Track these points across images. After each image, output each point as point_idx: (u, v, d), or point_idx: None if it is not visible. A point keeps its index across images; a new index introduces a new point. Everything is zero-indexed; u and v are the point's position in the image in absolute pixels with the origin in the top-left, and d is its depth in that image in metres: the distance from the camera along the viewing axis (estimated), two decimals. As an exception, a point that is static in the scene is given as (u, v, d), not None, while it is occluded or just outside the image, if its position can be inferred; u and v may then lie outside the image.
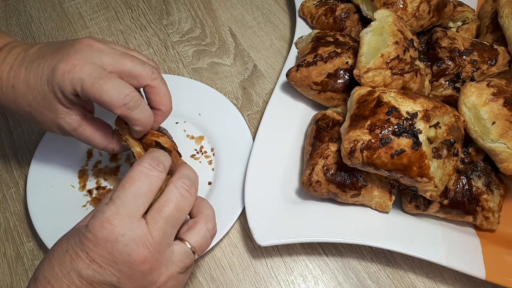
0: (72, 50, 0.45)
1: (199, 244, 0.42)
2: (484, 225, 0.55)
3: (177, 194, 0.41)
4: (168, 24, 0.81)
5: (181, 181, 0.42)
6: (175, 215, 0.40)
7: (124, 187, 0.39)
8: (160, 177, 0.41)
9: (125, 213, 0.38)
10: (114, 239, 0.37)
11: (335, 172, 0.54)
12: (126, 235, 0.37)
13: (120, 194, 0.39)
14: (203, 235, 0.43)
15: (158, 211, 0.39)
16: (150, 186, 0.39)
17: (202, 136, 0.65)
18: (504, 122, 0.51)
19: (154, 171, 0.40)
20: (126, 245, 0.37)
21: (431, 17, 0.65)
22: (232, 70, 0.75)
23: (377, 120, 0.50)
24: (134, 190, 0.39)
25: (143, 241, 0.38)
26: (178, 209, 0.40)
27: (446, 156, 0.51)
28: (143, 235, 0.38)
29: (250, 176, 0.56)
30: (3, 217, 0.61)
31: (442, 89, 0.61)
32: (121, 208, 0.38)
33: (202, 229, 0.43)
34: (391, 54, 0.54)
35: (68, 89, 0.45)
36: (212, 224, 0.44)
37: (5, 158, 0.66)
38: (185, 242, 0.42)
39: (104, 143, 0.52)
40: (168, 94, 0.51)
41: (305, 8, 0.74)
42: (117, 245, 0.37)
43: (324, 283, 0.57)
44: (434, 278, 0.57)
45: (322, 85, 0.61)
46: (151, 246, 0.38)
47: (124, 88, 0.45)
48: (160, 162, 0.41)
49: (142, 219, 0.38)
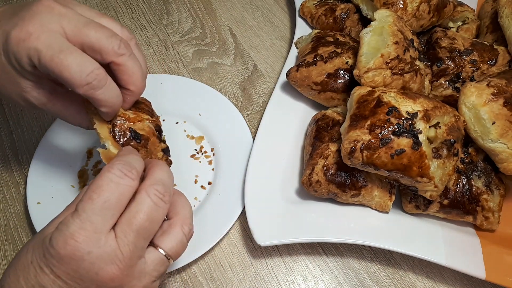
0: (28, 14, 0.39)
1: (174, 250, 0.39)
2: (484, 225, 0.55)
3: (149, 203, 0.37)
4: (168, 24, 0.81)
5: (154, 188, 0.37)
6: (147, 227, 0.36)
7: (91, 198, 0.35)
8: (132, 186, 0.37)
9: (91, 229, 0.34)
10: (80, 257, 0.34)
11: (335, 172, 0.54)
12: (92, 253, 0.34)
13: (86, 206, 0.35)
14: (179, 241, 0.39)
15: (128, 224, 0.36)
16: (120, 197, 0.36)
17: (202, 136, 0.65)
18: (504, 122, 0.51)
19: (125, 179, 0.36)
20: (92, 263, 0.34)
21: (431, 17, 0.65)
22: (232, 70, 0.75)
23: (377, 120, 0.50)
24: (102, 202, 0.35)
25: (112, 258, 0.35)
26: (151, 220, 0.36)
27: (446, 156, 0.51)
28: (111, 251, 0.35)
29: (250, 176, 0.56)
30: (3, 217, 0.61)
31: (442, 89, 0.61)
32: (87, 223, 0.34)
33: (178, 234, 0.39)
34: (391, 54, 0.54)
35: (25, 60, 0.39)
36: (188, 228, 0.40)
37: (5, 158, 0.66)
38: (159, 249, 0.38)
39: (77, 119, 0.47)
40: (139, 72, 0.43)
41: (305, 8, 0.74)
42: (82, 263, 0.34)
43: (324, 283, 0.57)
44: (434, 278, 0.57)
45: (322, 85, 0.61)
46: (120, 262, 0.35)
47: (87, 64, 0.39)
48: (133, 168, 0.37)
49: (111, 233, 0.35)
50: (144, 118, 0.48)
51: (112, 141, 0.44)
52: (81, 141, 0.64)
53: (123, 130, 0.45)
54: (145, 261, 0.37)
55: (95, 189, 0.35)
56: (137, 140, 0.45)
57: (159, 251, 0.38)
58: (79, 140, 0.64)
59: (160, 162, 0.42)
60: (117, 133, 0.45)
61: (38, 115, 0.69)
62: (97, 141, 0.64)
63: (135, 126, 0.46)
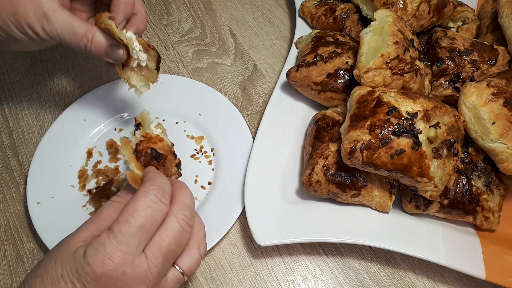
0: None
1: (191, 269, 0.42)
2: (484, 225, 0.55)
3: (178, 228, 0.40)
4: (168, 24, 0.81)
5: (182, 213, 0.40)
6: (173, 250, 0.40)
7: (128, 221, 0.37)
8: (165, 211, 0.39)
9: (127, 251, 0.37)
10: (115, 277, 0.36)
11: (335, 172, 0.54)
12: (127, 274, 0.37)
13: (123, 228, 0.37)
14: (196, 260, 0.42)
15: (158, 247, 0.38)
16: (154, 222, 0.38)
17: (202, 136, 0.65)
18: (504, 122, 0.51)
19: (159, 205, 0.39)
20: (126, 283, 0.37)
21: (431, 17, 0.65)
22: (232, 70, 0.75)
23: (377, 120, 0.50)
24: (138, 226, 0.37)
25: (143, 279, 0.37)
26: (178, 244, 0.40)
27: (446, 156, 0.51)
28: (143, 272, 0.37)
29: (250, 176, 0.56)
30: (3, 217, 0.61)
31: (442, 89, 0.61)
32: (123, 245, 0.37)
33: (194, 254, 0.42)
34: (391, 54, 0.54)
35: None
36: (204, 248, 0.43)
37: (5, 158, 0.66)
38: (177, 268, 0.41)
39: (84, 26, 0.48)
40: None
41: (305, 8, 0.74)
42: (117, 282, 0.36)
43: (324, 283, 0.57)
44: (434, 278, 0.57)
45: (322, 85, 0.61)
46: (149, 281, 0.38)
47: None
48: (166, 194, 0.40)
49: (142, 254, 0.38)
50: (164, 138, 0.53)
51: (136, 163, 0.48)
52: (81, 141, 0.64)
53: (145, 149, 0.50)
54: (166, 279, 0.40)
55: (133, 213, 0.38)
56: (158, 159, 0.50)
57: (178, 270, 0.41)
58: (79, 140, 0.64)
59: (183, 185, 0.45)
60: (139, 153, 0.49)
61: (38, 114, 0.69)
62: (98, 142, 0.64)
63: (156, 145, 0.51)
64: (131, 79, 0.53)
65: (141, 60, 0.51)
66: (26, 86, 0.72)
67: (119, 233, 0.37)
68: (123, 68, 0.52)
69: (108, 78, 0.72)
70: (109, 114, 0.66)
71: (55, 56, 0.75)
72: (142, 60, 0.51)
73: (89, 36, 0.49)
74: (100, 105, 0.66)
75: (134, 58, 0.51)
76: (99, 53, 0.50)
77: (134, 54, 0.50)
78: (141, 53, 0.51)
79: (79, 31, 0.48)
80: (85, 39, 0.48)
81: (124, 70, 0.52)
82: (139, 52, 0.51)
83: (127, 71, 0.52)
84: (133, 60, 0.51)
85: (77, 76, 0.73)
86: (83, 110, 0.66)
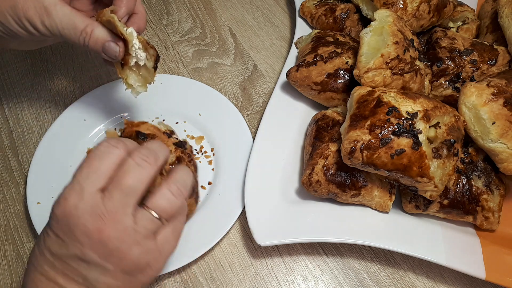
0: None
1: (162, 208, 0.42)
2: (484, 225, 0.55)
3: (132, 164, 0.41)
4: (168, 24, 0.81)
5: (137, 151, 0.42)
6: (131, 184, 0.40)
7: (81, 167, 0.41)
8: (118, 154, 0.41)
9: (79, 188, 0.39)
10: (69, 212, 0.38)
11: (335, 172, 0.54)
12: (79, 208, 0.38)
13: (77, 173, 0.40)
14: (166, 199, 0.42)
15: (113, 183, 0.40)
16: (108, 164, 0.40)
17: (202, 136, 0.65)
18: (504, 122, 0.51)
19: (112, 149, 0.41)
20: (80, 217, 0.38)
21: (431, 17, 0.65)
22: (232, 70, 0.75)
23: (377, 120, 0.50)
24: (90, 169, 0.40)
25: (97, 212, 0.39)
26: (134, 179, 0.40)
27: (446, 156, 0.51)
28: (95, 205, 0.39)
29: (250, 176, 0.56)
30: (3, 217, 0.61)
31: (442, 89, 0.61)
32: (76, 185, 0.39)
33: (164, 193, 0.42)
34: (391, 54, 0.54)
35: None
36: (176, 186, 0.43)
37: (5, 158, 0.66)
38: (145, 208, 0.42)
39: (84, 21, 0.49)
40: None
41: (305, 8, 0.74)
42: (72, 218, 0.38)
43: (324, 283, 0.57)
44: (434, 278, 0.57)
45: (322, 85, 0.61)
46: (105, 215, 0.39)
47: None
48: (120, 141, 0.42)
49: (98, 192, 0.39)
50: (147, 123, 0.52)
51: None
52: (81, 141, 0.64)
53: (129, 133, 0.50)
54: (133, 219, 0.40)
55: (86, 160, 0.41)
56: (142, 137, 0.50)
57: (145, 209, 0.41)
58: (79, 140, 0.64)
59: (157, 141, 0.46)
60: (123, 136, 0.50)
61: (38, 114, 0.69)
62: (98, 142, 0.64)
63: (140, 128, 0.50)
64: (129, 78, 0.53)
65: (139, 59, 0.51)
66: (26, 86, 0.72)
67: (73, 178, 0.40)
68: (122, 67, 0.52)
69: (108, 78, 0.72)
70: (109, 114, 0.66)
71: (55, 56, 0.76)
72: (140, 59, 0.51)
73: (89, 30, 0.49)
74: (100, 105, 0.66)
75: (133, 55, 0.51)
76: (96, 48, 0.50)
77: (132, 52, 0.50)
78: (140, 51, 0.51)
79: (79, 26, 0.49)
80: (84, 33, 0.49)
81: (123, 70, 0.52)
82: (138, 50, 0.50)
83: (126, 70, 0.52)
84: (131, 58, 0.51)
85: (77, 76, 0.73)
86: (83, 110, 0.66)
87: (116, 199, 0.39)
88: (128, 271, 0.40)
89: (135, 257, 0.40)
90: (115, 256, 0.39)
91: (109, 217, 0.39)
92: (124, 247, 0.40)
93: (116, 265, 0.39)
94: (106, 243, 0.39)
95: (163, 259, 0.43)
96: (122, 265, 0.40)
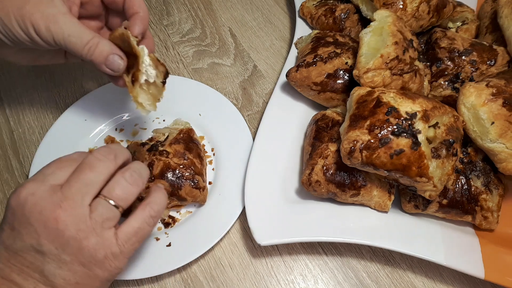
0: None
1: (115, 194, 0.42)
2: (483, 224, 0.55)
3: (90, 157, 0.43)
4: (168, 24, 0.81)
5: (98, 149, 0.44)
6: (87, 174, 0.41)
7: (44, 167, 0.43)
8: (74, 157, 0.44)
9: (35, 178, 0.41)
10: (24, 199, 0.39)
11: (334, 172, 0.54)
12: (36, 194, 0.39)
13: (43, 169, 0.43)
14: (118, 184, 0.43)
15: (73, 175, 0.42)
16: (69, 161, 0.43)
17: (202, 136, 0.66)
18: (503, 122, 0.51)
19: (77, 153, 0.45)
20: (36, 203, 0.39)
21: (431, 17, 0.65)
22: (232, 71, 0.76)
23: (376, 120, 0.50)
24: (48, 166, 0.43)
25: (54, 199, 0.39)
26: (91, 169, 0.41)
27: (445, 156, 0.51)
28: (53, 192, 0.39)
29: (250, 176, 0.57)
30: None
31: (441, 89, 0.61)
32: (33, 177, 0.41)
33: (115, 180, 0.43)
34: (390, 54, 0.54)
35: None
36: (129, 173, 0.44)
37: (6, 158, 0.66)
38: (101, 197, 0.42)
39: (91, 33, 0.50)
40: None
41: (305, 9, 0.74)
42: (28, 204, 0.39)
43: (323, 282, 0.57)
44: (433, 277, 0.57)
45: (321, 85, 0.61)
46: (62, 202, 0.39)
47: None
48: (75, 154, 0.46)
49: (58, 185, 0.41)
50: None
51: None
52: (82, 141, 0.64)
53: None
54: (89, 207, 0.41)
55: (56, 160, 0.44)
56: None
57: (101, 198, 0.42)
58: (80, 140, 0.64)
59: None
60: None
61: (39, 115, 0.69)
62: (98, 142, 0.65)
63: None
64: (139, 97, 0.53)
65: (149, 76, 0.52)
66: (27, 86, 0.72)
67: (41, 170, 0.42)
68: (133, 84, 0.53)
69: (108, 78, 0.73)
70: (109, 114, 0.67)
71: (56, 56, 0.76)
72: (150, 76, 0.52)
73: (95, 41, 0.49)
74: (101, 105, 0.67)
75: (143, 72, 0.51)
76: (99, 60, 0.50)
77: (143, 68, 0.51)
78: (150, 68, 0.51)
79: (86, 36, 0.49)
80: (91, 43, 0.49)
81: (134, 87, 0.53)
82: (148, 66, 0.51)
83: (136, 87, 0.53)
84: (141, 75, 0.51)
85: (78, 76, 0.73)
86: (84, 110, 0.66)
87: (74, 188, 0.40)
88: (84, 263, 0.40)
89: (92, 247, 0.40)
90: (72, 245, 0.39)
91: (66, 204, 0.39)
92: (81, 235, 0.40)
93: (73, 255, 0.40)
94: (62, 232, 0.39)
95: (123, 256, 0.43)
96: (79, 255, 0.40)
